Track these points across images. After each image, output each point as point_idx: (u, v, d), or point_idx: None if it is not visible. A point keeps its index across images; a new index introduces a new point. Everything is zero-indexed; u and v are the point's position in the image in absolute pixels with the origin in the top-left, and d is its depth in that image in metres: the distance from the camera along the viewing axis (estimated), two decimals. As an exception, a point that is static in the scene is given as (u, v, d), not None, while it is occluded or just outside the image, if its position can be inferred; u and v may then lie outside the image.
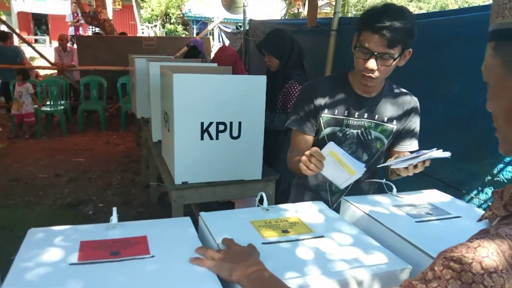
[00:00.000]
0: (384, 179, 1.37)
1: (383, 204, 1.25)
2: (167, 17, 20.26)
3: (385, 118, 1.51)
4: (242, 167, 2.06)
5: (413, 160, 1.29)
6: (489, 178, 1.92)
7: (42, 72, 9.11)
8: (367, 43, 1.32)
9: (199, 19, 19.61)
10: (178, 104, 1.85)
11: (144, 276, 0.83)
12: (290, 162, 1.57)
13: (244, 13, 5.84)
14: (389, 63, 1.34)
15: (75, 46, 7.46)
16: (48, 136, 6.12)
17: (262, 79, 1.97)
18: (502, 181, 1.86)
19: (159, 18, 20.02)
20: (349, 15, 7.32)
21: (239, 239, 0.96)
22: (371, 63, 1.33)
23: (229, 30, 8.74)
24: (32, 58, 10.48)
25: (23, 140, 5.85)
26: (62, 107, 6.39)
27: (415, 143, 1.59)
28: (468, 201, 1.98)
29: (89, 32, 10.98)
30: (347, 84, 1.51)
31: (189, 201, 2.10)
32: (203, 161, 1.98)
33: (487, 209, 0.74)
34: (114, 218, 1.04)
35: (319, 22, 3.55)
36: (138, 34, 17.73)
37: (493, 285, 0.51)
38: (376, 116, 1.50)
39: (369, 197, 1.32)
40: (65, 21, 11.50)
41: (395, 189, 1.35)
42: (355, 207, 1.23)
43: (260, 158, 2.08)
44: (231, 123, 1.97)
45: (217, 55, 3.32)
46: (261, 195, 1.21)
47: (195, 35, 12.20)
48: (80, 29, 11.20)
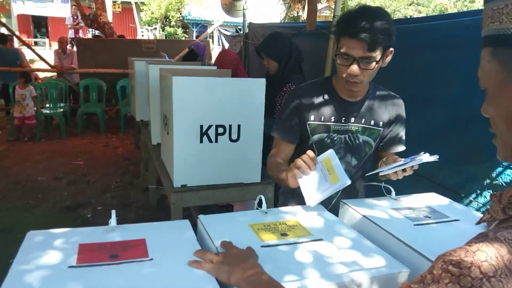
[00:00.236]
0: (383, 182, 1.37)
1: (381, 207, 1.25)
2: (167, 20, 20.30)
3: (372, 121, 1.50)
4: (241, 170, 2.07)
5: (401, 166, 1.29)
6: (487, 181, 1.93)
7: (41, 75, 9.12)
8: (347, 49, 1.31)
9: (198, 22, 19.65)
10: (178, 106, 1.86)
11: (142, 279, 0.83)
12: (270, 168, 1.55)
13: (244, 16, 5.86)
14: (372, 67, 1.33)
15: (74, 49, 7.46)
16: (47, 139, 6.12)
17: (262, 82, 1.97)
18: (500, 184, 1.87)
19: (159, 21, 20.06)
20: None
21: (238, 242, 0.96)
22: (354, 69, 1.32)
23: (228, 33, 8.78)
24: (31, 61, 10.46)
25: (22, 142, 5.84)
26: (62, 110, 6.39)
27: (402, 144, 1.58)
28: (467, 205, 1.98)
29: (89, 35, 10.98)
30: (331, 89, 1.50)
31: (188, 204, 2.09)
32: (202, 164, 1.98)
33: (485, 212, 0.74)
34: (113, 221, 1.04)
35: (318, 26, 3.57)
36: (138, 37, 17.76)
37: None
38: (363, 120, 1.49)
39: (367, 200, 1.32)
40: (65, 23, 11.50)
41: (393, 192, 1.35)
42: (353, 210, 1.23)
43: (259, 161, 2.08)
44: (230, 126, 1.97)
45: (219, 59, 3.32)
46: (260, 198, 1.22)
47: (194, 38, 12.22)
48: (80, 31, 11.21)
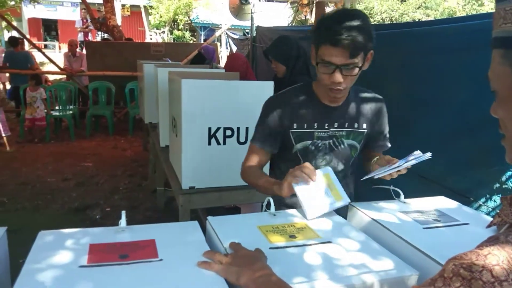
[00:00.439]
0: (392, 185, 1.37)
1: (390, 210, 1.25)
2: (175, 23, 20.41)
3: (355, 124, 1.48)
4: (249, 172, 2.07)
5: (396, 168, 1.28)
6: (497, 185, 1.91)
7: (51, 77, 9.22)
8: (329, 56, 1.26)
9: (206, 25, 19.73)
10: (186, 109, 1.87)
11: (152, 279, 0.84)
12: (249, 175, 1.52)
13: (252, 19, 5.88)
14: (355, 73, 1.30)
15: (84, 52, 7.53)
16: (56, 141, 6.18)
17: (269, 85, 1.98)
18: (510, 188, 1.85)
19: (167, 24, 20.18)
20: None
21: (247, 243, 0.96)
22: (337, 76, 1.29)
23: (236, 37, 8.80)
24: (42, 63, 10.61)
25: (32, 144, 5.91)
26: (71, 112, 6.45)
27: (387, 142, 1.58)
28: (476, 209, 1.96)
29: (98, 38, 11.08)
30: (312, 95, 1.47)
31: (196, 206, 2.10)
32: (210, 166, 1.99)
33: (496, 215, 0.74)
34: (123, 221, 1.05)
35: (326, 29, 3.56)
36: (146, 40, 17.89)
37: None
38: (346, 124, 1.47)
39: (376, 203, 1.32)
40: (74, 27, 11.65)
41: (402, 195, 1.34)
42: (362, 213, 1.23)
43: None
44: (238, 128, 1.98)
45: (229, 62, 3.31)
46: (268, 200, 1.22)
47: (202, 41, 12.27)
48: (89, 35, 11.32)
